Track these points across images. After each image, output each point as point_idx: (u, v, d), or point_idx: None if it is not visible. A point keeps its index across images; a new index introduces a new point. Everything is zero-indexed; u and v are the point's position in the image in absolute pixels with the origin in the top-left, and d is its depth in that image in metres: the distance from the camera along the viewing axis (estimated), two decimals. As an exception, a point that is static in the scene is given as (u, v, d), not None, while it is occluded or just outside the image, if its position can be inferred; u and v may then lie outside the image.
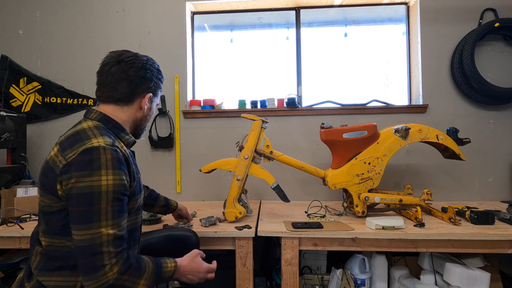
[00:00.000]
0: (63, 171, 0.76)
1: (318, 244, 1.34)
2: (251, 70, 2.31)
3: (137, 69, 0.93)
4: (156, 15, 2.18)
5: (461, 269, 1.39)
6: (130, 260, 0.77)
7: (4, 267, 1.65)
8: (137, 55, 0.96)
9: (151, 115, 1.04)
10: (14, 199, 1.57)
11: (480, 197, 2.01)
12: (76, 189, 0.74)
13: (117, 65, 0.92)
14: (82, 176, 0.74)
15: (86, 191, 0.73)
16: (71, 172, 0.75)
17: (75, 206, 0.74)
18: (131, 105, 0.96)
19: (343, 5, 2.23)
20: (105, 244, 0.73)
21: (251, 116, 1.51)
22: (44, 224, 0.83)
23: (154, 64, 1.00)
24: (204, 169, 1.53)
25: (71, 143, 0.79)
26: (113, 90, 0.92)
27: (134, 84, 0.93)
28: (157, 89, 1.02)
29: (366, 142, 1.52)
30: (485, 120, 2.01)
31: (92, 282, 0.72)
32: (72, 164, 0.75)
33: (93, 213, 0.73)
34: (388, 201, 1.49)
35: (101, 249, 0.72)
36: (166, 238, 1.22)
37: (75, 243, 0.73)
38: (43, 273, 0.81)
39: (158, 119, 2.15)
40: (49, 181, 0.79)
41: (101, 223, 0.73)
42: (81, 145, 0.78)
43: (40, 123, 2.22)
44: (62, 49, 2.21)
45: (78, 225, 0.73)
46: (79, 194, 0.73)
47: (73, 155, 0.76)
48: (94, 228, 0.72)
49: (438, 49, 2.03)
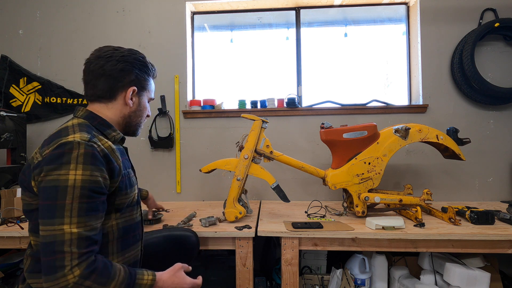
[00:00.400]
0: (36, 166, 0.76)
1: (318, 244, 1.34)
2: (251, 70, 2.31)
3: (115, 63, 0.89)
4: (156, 15, 2.18)
5: (461, 269, 1.39)
6: (96, 264, 0.70)
7: (4, 267, 1.65)
8: (116, 49, 0.92)
9: (142, 110, 0.99)
10: (14, 199, 1.57)
11: (480, 197, 2.01)
12: (44, 182, 0.72)
13: (95, 61, 0.89)
14: (50, 170, 0.71)
15: (52, 184, 0.70)
16: (42, 166, 0.73)
17: (42, 200, 0.71)
18: (115, 101, 0.92)
19: (343, 5, 2.23)
20: (67, 243, 0.67)
21: (251, 116, 1.51)
22: (30, 222, 0.83)
23: (134, 55, 0.94)
24: (204, 169, 1.53)
25: (49, 140, 0.79)
26: (93, 88, 0.90)
27: (113, 78, 0.90)
28: (142, 81, 0.96)
29: (366, 142, 1.52)
30: (485, 120, 2.01)
31: (50, 283, 0.66)
32: (45, 159, 0.74)
33: (56, 208, 0.69)
34: (388, 201, 1.49)
35: (62, 248, 0.67)
36: (166, 238, 1.22)
37: (40, 240, 0.69)
38: (32, 275, 0.81)
39: (158, 119, 2.15)
40: (26, 178, 0.79)
41: (64, 219, 0.68)
42: (57, 141, 0.76)
43: (40, 123, 2.22)
44: (62, 49, 2.21)
45: (42, 219, 0.70)
46: (45, 187, 0.71)
47: (48, 151, 0.75)
48: (56, 224, 0.68)
49: (438, 49, 2.04)
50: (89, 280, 0.68)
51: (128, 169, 0.94)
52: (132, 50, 0.95)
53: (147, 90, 1.00)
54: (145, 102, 1.00)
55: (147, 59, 0.99)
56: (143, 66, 0.96)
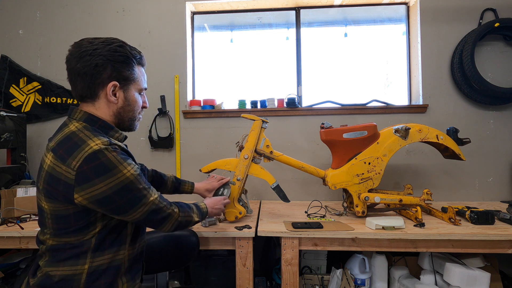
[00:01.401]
0: (79, 181, 0.76)
1: (318, 244, 1.34)
2: (251, 70, 2.31)
3: (88, 59, 0.82)
4: (156, 15, 2.18)
5: (461, 269, 1.39)
6: (178, 204, 0.96)
7: (4, 267, 1.65)
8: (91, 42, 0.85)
9: (132, 103, 0.92)
10: (14, 199, 1.56)
11: (480, 197, 2.01)
12: (109, 190, 0.78)
13: (71, 59, 0.84)
14: (105, 180, 0.77)
15: (121, 186, 0.79)
16: (92, 180, 0.76)
17: (119, 199, 0.80)
18: (99, 99, 0.87)
19: (343, 5, 2.23)
20: (159, 203, 0.87)
21: (251, 116, 1.51)
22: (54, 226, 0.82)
23: (110, 46, 0.86)
24: (204, 169, 1.53)
25: (67, 150, 0.77)
26: (74, 88, 0.86)
27: (89, 76, 0.83)
28: (124, 73, 0.87)
29: (366, 142, 1.52)
30: (485, 120, 2.01)
31: (167, 226, 0.91)
32: (86, 173, 0.76)
33: (138, 195, 0.82)
34: (388, 201, 1.49)
35: (160, 208, 0.87)
36: (166, 238, 1.22)
37: (138, 219, 0.84)
38: (50, 264, 0.82)
39: (158, 119, 2.15)
40: (60, 192, 0.78)
41: (146, 196, 0.84)
42: (81, 151, 0.76)
43: (40, 123, 2.22)
44: (62, 49, 2.21)
45: (132, 209, 0.82)
46: (116, 191, 0.79)
47: (77, 164, 0.76)
48: (146, 202, 0.84)
49: (438, 49, 2.04)
50: (183, 213, 0.96)
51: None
52: (108, 40, 0.87)
53: (133, 81, 0.91)
54: (132, 94, 0.91)
55: (128, 47, 0.90)
56: (121, 57, 0.87)
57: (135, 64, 0.92)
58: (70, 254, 0.81)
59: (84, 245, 0.81)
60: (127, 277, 0.89)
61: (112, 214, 0.82)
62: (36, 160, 2.20)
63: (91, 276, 0.81)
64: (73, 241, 0.81)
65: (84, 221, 0.81)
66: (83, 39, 0.88)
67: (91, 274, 0.81)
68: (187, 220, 0.97)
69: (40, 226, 0.88)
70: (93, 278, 0.82)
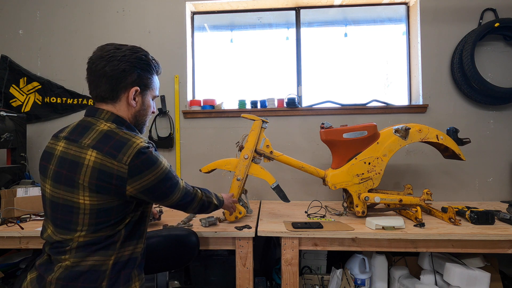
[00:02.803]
0: (131, 174, 0.84)
1: (318, 244, 1.34)
2: (251, 70, 2.31)
3: (116, 63, 0.88)
4: (156, 15, 2.18)
5: (461, 269, 1.39)
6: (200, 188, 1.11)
7: (4, 267, 1.65)
8: (118, 48, 0.91)
9: (147, 108, 0.99)
10: (14, 199, 1.57)
11: (480, 197, 2.01)
12: (156, 179, 0.89)
13: (97, 61, 0.89)
14: (154, 170, 0.88)
15: (164, 175, 0.91)
16: (143, 172, 0.86)
17: (163, 187, 0.92)
18: (119, 101, 0.93)
19: (343, 5, 2.23)
20: (187, 187, 1.03)
21: (251, 116, 1.51)
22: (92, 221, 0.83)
23: (136, 54, 0.93)
24: (204, 169, 1.53)
25: (114, 147, 0.84)
26: (96, 88, 0.91)
27: (115, 79, 0.89)
28: (145, 80, 0.95)
29: (366, 142, 1.52)
30: (485, 120, 2.01)
31: (194, 205, 1.06)
32: (137, 166, 0.85)
33: (174, 182, 0.96)
34: (388, 201, 1.49)
35: (188, 191, 1.02)
36: (166, 238, 1.22)
37: (172, 204, 0.99)
38: (80, 255, 0.83)
39: (158, 119, 2.15)
40: (113, 185, 0.83)
41: (179, 182, 0.98)
42: (129, 147, 0.84)
43: (40, 123, 2.22)
44: (62, 49, 2.21)
45: (171, 194, 0.95)
46: (161, 180, 0.90)
47: (129, 159, 0.83)
48: (179, 188, 0.98)
49: (438, 49, 2.04)
50: (205, 195, 1.11)
51: None
52: (135, 48, 0.94)
53: (151, 88, 0.99)
54: (149, 100, 1.00)
55: (150, 56, 0.98)
56: (145, 65, 0.95)
57: (154, 73, 1.01)
58: (103, 245, 0.85)
59: (115, 236, 0.87)
60: (138, 270, 0.93)
61: (156, 200, 0.93)
62: (36, 160, 2.20)
63: (115, 266, 0.86)
64: (108, 233, 0.86)
65: (122, 214, 0.87)
66: (109, 44, 0.93)
67: (115, 265, 0.86)
68: (209, 201, 1.13)
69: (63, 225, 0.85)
70: (116, 268, 0.87)
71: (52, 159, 0.88)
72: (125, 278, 0.88)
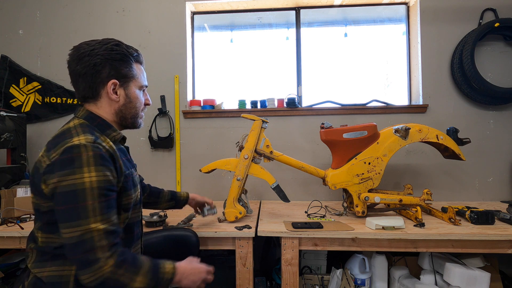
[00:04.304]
0: (46, 171, 0.76)
1: (318, 244, 1.34)
2: (251, 70, 2.31)
3: (87, 59, 0.85)
4: (156, 15, 2.18)
5: (461, 269, 1.39)
6: (126, 255, 0.76)
7: (4, 267, 1.65)
8: (88, 43, 0.88)
9: (133, 100, 0.93)
10: (14, 199, 1.57)
11: (480, 197, 2.01)
12: (60, 188, 0.73)
13: (71, 62, 0.87)
14: (64, 175, 0.73)
15: (70, 189, 0.73)
16: (54, 172, 0.74)
17: (61, 204, 0.73)
18: (101, 99, 0.89)
19: (343, 5, 2.23)
20: (97, 238, 0.72)
21: (251, 116, 1.51)
22: (39, 221, 0.83)
23: (106, 45, 0.87)
24: (204, 169, 1.53)
25: (55, 143, 0.79)
26: (77, 90, 0.89)
27: (89, 76, 0.86)
28: (122, 71, 0.89)
29: (366, 142, 1.52)
30: (485, 120, 2.01)
31: (87, 275, 0.71)
32: (55, 163, 0.75)
33: (80, 210, 0.72)
34: (388, 201, 1.49)
35: (93, 244, 0.71)
36: (166, 238, 1.23)
37: (65, 241, 0.73)
38: (37, 264, 0.81)
39: (158, 119, 2.15)
40: (35, 182, 0.79)
41: (90, 219, 0.72)
42: (63, 145, 0.77)
43: (40, 123, 2.22)
44: (62, 49, 2.21)
45: (66, 223, 0.72)
46: (63, 192, 0.73)
47: (56, 155, 0.76)
48: (83, 225, 0.71)
49: (438, 49, 2.04)
50: (122, 269, 0.73)
51: (130, 169, 0.93)
52: (104, 40, 0.89)
53: (133, 78, 0.92)
54: (133, 91, 0.93)
55: (124, 45, 0.92)
56: (119, 55, 0.89)
57: (133, 62, 0.93)
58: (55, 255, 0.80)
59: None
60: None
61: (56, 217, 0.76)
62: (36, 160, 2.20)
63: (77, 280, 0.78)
64: (50, 240, 0.81)
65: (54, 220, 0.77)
66: (81, 43, 0.90)
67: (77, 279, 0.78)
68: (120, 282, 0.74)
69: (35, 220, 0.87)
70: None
71: None
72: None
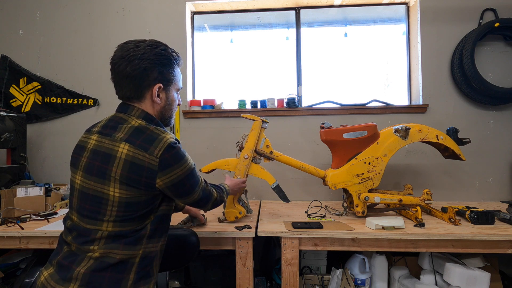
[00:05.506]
0: (162, 167, 0.86)
1: (318, 244, 1.34)
2: (251, 70, 2.31)
3: (137, 62, 0.89)
4: (156, 15, 2.18)
5: (461, 269, 1.39)
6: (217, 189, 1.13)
7: (4, 267, 1.65)
8: (137, 45, 0.91)
9: (172, 103, 1.00)
10: (14, 199, 1.57)
11: (480, 197, 2.01)
12: (183, 174, 0.90)
13: (118, 62, 0.90)
14: (182, 165, 0.90)
15: (189, 172, 0.93)
16: (172, 166, 0.87)
17: (188, 184, 0.93)
18: (144, 100, 0.94)
19: (343, 5, 2.23)
20: (205, 185, 1.04)
21: (251, 116, 1.51)
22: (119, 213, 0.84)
23: (156, 50, 0.92)
24: (204, 169, 1.53)
25: (146, 141, 0.86)
26: (121, 89, 0.93)
27: (138, 79, 0.90)
28: (167, 75, 0.95)
29: (366, 142, 1.52)
30: (485, 120, 2.01)
31: (209, 205, 1.07)
32: (167, 160, 0.86)
33: (196, 180, 0.97)
34: (388, 201, 1.50)
35: (206, 189, 1.03)
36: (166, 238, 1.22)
37: (192, 202, 0.99)
38: (109, 246, 0.84)
39: (158, 119, 2.15)
40: (143, 178, 0.85)
41: (200, 181, 0.99)
42: (160, 141, 0.86)
43: (40, 123, 2.22)
44: (62, 49, 2.21)
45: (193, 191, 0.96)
46: (186, 175, 0.92)
47: (160, 152, 0.85)
48: (199, 187, 0.99)
49: (438, 49, 2.04)
50: (218, 192, 1.11)
51: None
52: (153, 44, 0.93)
53: (174, 82, 0.99)
54: (173, 95, 1.00)
55: (170, 49, 0.97)
56: (166, 60, 0.94)
57: (176, 66, 1.01)
58: (131, 239, 0.86)
59: (142, 230, 0.88)
60: (157, 267, 0.95)
61: (179, 196, 0.93)
62: (36, 160, 2.20)
63: (142, 260, 0.88)
64: (136, 227, 0.87)
65: (148, 208, 0.88)
66: (128, 42, 0.93)
67: (143, 259, 0.88)
68: (221, 200, 1.14)
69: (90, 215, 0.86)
70: (144, 262, 0.88)
71: (85, 151, 0.90)
72: (148, 273, 0.89)
